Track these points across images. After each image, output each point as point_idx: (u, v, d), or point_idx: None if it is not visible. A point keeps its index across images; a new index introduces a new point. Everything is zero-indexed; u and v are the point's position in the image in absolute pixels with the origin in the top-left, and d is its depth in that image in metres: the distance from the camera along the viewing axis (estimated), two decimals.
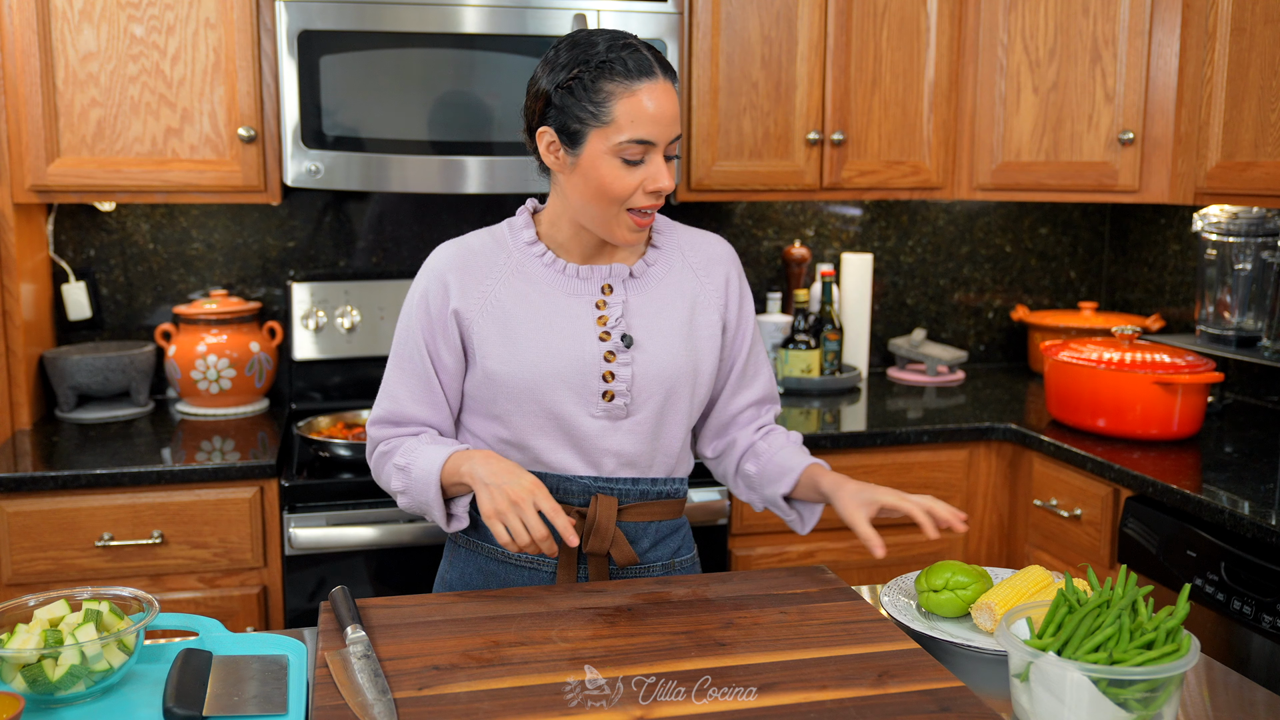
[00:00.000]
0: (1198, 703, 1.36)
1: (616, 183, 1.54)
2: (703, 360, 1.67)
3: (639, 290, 1.65)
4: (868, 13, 2.82)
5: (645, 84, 1.53)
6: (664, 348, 1.64)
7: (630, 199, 1.55)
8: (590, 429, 1.62)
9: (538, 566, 1.66)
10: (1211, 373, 2.46)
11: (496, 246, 1.66)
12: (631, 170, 1.54)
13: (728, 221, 3.21)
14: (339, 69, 2.47)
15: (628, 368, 1.61)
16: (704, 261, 1.71)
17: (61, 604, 1.31)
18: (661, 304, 1.66)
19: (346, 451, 2.40)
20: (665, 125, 1.54)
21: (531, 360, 1.60)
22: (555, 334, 1.61)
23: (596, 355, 1.61)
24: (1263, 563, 1.94)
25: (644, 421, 1.64)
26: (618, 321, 1.62)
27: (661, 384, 1.63)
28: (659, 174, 1.55)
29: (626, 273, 1.65)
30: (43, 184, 2.48)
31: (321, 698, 1.23)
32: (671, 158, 1.58)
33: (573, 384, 1.60)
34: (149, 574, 2.32)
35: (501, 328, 1.61)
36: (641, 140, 1.53)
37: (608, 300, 1.63)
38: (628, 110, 1.52)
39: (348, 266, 3.01)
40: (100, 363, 2.68)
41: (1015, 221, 3.40)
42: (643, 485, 1.67)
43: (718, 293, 1.71)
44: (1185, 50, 2.64)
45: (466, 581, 1.72)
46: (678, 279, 1.68)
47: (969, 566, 1.55)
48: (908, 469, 2.65)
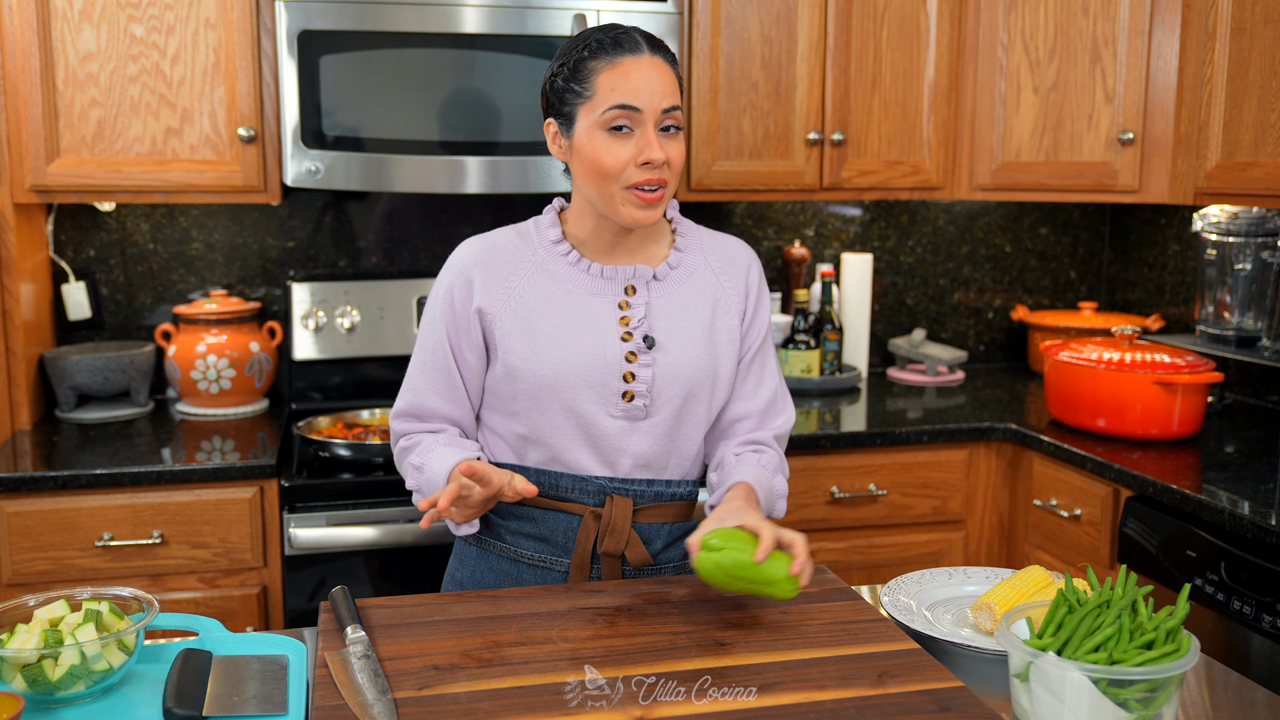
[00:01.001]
0: (1198, 703, 1.36)
1: (607, 155, 1.54)
2: (722, 363, 1.67)
3: (662, 292, 1.65)
4: (868, 13, 2.82)
5: (628, 57, 1.55)
6: (685, 350, 1.63)
7: (625, 174, 1.55)
8: (609, 429, 1.62)
9: (550, 566, 1.66)
10: (1211, 373, 2.46)
11: (522, 244, 1.66)
12: (621, 142, 1.54)
13: (728, 222, 3.21)
14: (339, 69, 2.47)
15: (649, 369, 1.61)
16: (725, 264, 1.71)
17: (61, 604, 1.31)
18: (684, 306, 1.66)
19: (346, 451, 2.40)
20: (650, 93, 1.54)
21: (553, 358, 1.60)
22: (577, 333, 1.60)
23: (618, 355, 1.60)
24: (1263, 563, 1.94)
25: (662, 423, 1.64)
26: (640, 322, 1.62)
27: (681, 386, 1.63)
28: (649, 144, 1.53)
29: (650, 274, 1.65)
30: (43, 184, 2.48)
31: (321, 698, 1.23)
32: (670, 128, 1.56)
33: (593, 383, 1.60)
34: (149, 574, 2.32)
35: (524, 325, 1.61)
36: (622, 105, 1.53)
37: (631, 301, 1.63)
38: (608, 80, 1.54)
39: (348, 266, 3.01)
40: (100, 363, 2.68)
41: (1015, 221, 3.40)
42: (657, 486, 1.67)
43: (738, 295, 1.70)
44: (1185, 50, 2.64)
45: (478, 580, 1.71)
46: (700, 281, 1.68)
47: (746, 535, 1.46)
48: (908, 469, 2.65)
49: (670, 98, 1.56)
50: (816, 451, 2.60)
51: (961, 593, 1.61)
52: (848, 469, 2.62)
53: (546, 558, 1.66)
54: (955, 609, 1.56)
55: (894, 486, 2.65)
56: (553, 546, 1.65)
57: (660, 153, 1.54)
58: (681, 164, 1.60)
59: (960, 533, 2.72)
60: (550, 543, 1.65)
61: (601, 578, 1.64)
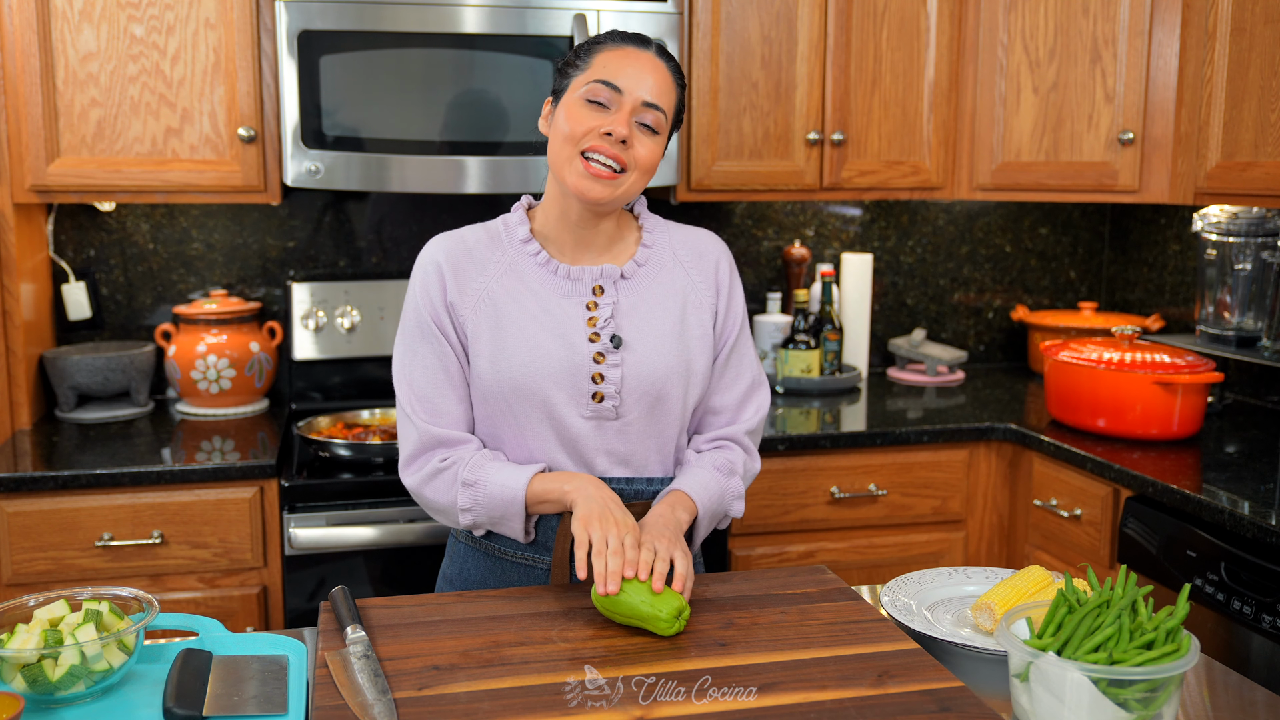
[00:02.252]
0: (1198, 703, 1.36)
1: (574, 121, 1.57)
2: (695, 359, 1.67)
3: (630, 291, 1.66)
4: (868, 13, 2.82)
5: (632, 48, 1.61)
6: (654, 348, 1.64)
7: (583, 139, 1.57)
8: (581, 429, 1.62)
9: (533, 564, 1.66)
10: (1211, 373, 2.46)
11: (491, 243, 1.67)
12: (593, 113, 1.57)
13: (728, 221, 3.21)
14: (339, 69, 2.47)
15: (617, 369, 1.61)
16: (693, 257, 1.72)
17: (61, 604, 1.31)
18: (653, 304, 1.66)
19: (346, 451, 2.40)
20: (635, 81, 1.57)
21: (522, 361, 1.60)
22: (546, 334, 1.61)
23: (586, 356, 1.61)
24: (1263, 563, 1.94)
25: (634, 423, 1.64)
26: (607, 322, 1.62)
27: (651, 385, 1.63)
28: (616, 122, 1.56)
29: (617, 273, 1.65)
30: (43, 184, 2.48)
31: (321, 698, 1.23)
32: (647, 125, 1.58)
33: (563, 385, 1.60)
34: (149, 574, 2.32)
35: (493, 326, 1.62)
36: (606, 81, 1.57)
37: (599, 301, 1.63)
38: (604, 59, 1.59)
39: (348, 266, 3.01)
40: (100, 363, 2.68)
41: (1015, 221, 3.40)
42: (637, 485, 1.67)
43: (708, 288, 1.70)
44: (1185, 50, 2.64)
45: (465, 576, 1.72)
46: (669, 277, 1.69)
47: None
48: (908, 469, 2.65)
49: (654, 94, 1.58)
50: (816, 451, 2.60)
51: (961, 593, 1.61)
52: (848, 469, 2.62)
53: (529, 556, 1.66)
54: (955, 609, 1.56)
55: (894, 486, 2.65)
56: (535, 545, 1.66)
57: (623, 128, 1.56)
58: (647, 165, 1.60)
59: (960, 533, 2.72)
60: (533, 541, 1.65)
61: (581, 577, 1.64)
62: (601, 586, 1.39)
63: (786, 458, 2.58)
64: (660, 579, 1.41)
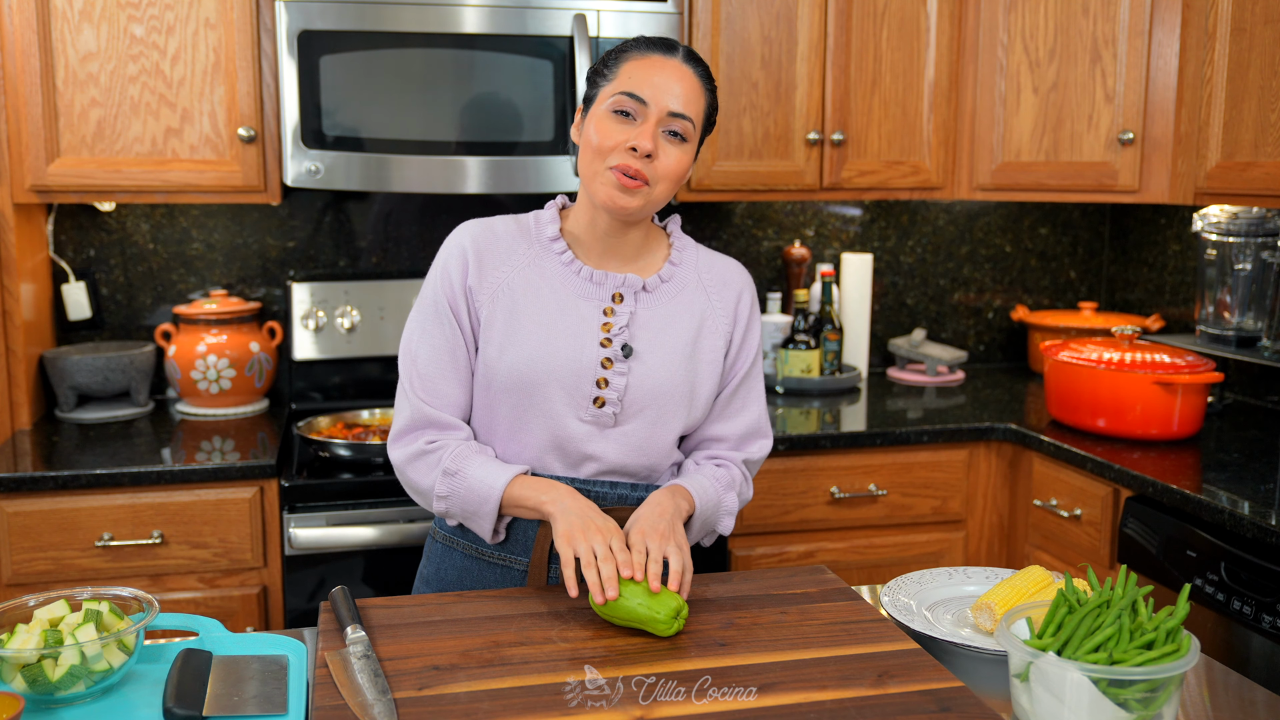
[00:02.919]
0: (1198, 703, 1.36)
1: (603, 134, 1.58)
2: (701, 382, 1.67)
3: (649, 304, 1.66)
4: (868, 13, 2.82)
5: (659, 55, 1.60)
6: (663, 364, 1.64)
7: (612, 154, 1.57)
8: (576, 432, 1.62)
9: (510, 565, 1.66)
10: (1211, 373, 2.46)
11: (520, 235, 1.68)
12: (621, 125, 1.57)
13: (728, 222, 3.21)
14: (339, 69, 2.47)
15: (623, 378, 1.61)
16: (718, 283, 1.72)
17: (61, 604, 1.31)
18: (668, 320, 1.66)
19: (346, 451, 2.40)
20: (662, 91, 1.57)
21: (529, 354, 1.60)
22: (557, 332, 1.61)
23: (594, 360, 1.61)
24: (1263, 563, 1.94)
25: (631, 433, 1.64)
26: (621, 331, 1.62)
27: (654, 399, 1.63)
28: (641, 135, 1.56)
29: (640, 285, 1.65)
30: (43, 184, 2.48)
31: (321, 698, 1.23)
32: (674, 134, 1.58)
33: (565, 384, 1.60)
34: (149, 574, 2.32)
35: (507, 316, 1.62)
36: (631, 94, 1.56)
37: (616, 309, 1.64)
38: (631, 69, 1.59)
39: (348, 266, 3.01)
40: (100, 363, 2.68)
41: (1015, 221, 3.40)
42: (621, 490, 1.66)
43: (726, 316, 1.70)
44: (1185, 50, 2.64)
45: (442, 577, 1.72)
46: (690, 298, 1.69)
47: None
48: (908, 469, 2.65)
49: (681, 103, 1.58)
50: (816, 451, 2.60)
51: (961, 593, 1.61)
52: (848, 469, 2.62)
53: (506, 556, 1.66)
54: (955, 609, 1.56)
55: (894, 486, 2.65)
56: (512, 545, 1.65)
57: (648, 143, 1.55)
58: (675, 174, 1.60)
59: (960, 533, 2.72)
60: (510, 541, 1.65)
61: (558, 579, 1.63)
62: (599, 595, 1.39)
63: (786, 458, 2.58)
64: (655, 579, 1.41)
